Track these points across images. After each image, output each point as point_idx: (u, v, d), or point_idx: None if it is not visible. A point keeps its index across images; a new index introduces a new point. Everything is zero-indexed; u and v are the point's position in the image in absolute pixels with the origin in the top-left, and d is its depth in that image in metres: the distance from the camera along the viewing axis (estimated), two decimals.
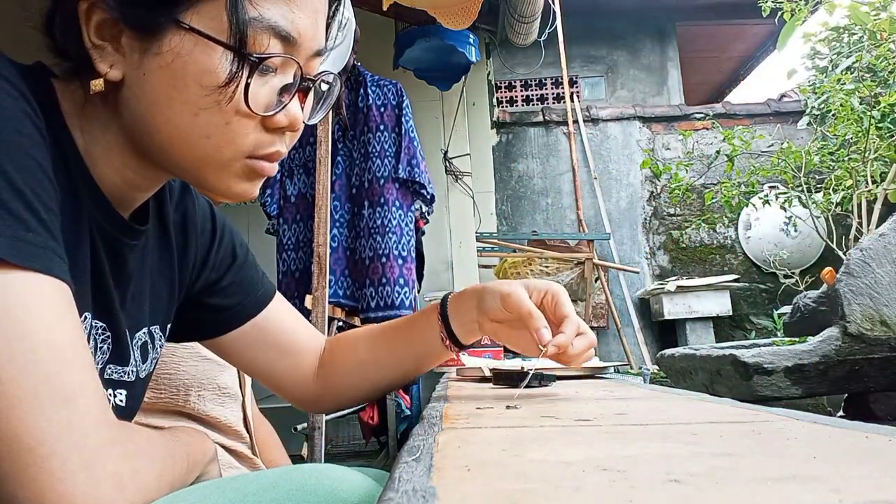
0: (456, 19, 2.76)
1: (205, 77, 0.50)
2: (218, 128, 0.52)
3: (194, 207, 0.73)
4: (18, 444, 0.42)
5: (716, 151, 3.88)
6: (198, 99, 0.50)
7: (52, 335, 0.44)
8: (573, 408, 0.65)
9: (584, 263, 4.04)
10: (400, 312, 2.53)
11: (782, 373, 1.63)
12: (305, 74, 0.56)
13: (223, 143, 0.52)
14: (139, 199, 0.62)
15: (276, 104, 0.54)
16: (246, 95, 0.51)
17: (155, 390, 0.98)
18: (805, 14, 3.18)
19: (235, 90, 0.51)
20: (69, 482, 0.43)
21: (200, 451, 0.67)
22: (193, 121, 0.51)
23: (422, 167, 2.62)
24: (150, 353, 0.67)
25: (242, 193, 0.57)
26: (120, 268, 0.61)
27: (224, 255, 0.76)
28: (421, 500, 0.27)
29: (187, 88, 0.50)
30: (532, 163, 4.91)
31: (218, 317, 0.76)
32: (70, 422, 0.44)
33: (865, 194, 3.10)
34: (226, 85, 0.50)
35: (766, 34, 6.31)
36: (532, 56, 4.56)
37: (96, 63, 0.52)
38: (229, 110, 0.51)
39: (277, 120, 0.54)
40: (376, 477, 0.57)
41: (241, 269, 0.78)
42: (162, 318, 0.70)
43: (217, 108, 0.51)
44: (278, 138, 0.56)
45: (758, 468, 0.33)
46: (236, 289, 0.76)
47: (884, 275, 1.63)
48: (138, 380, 0.64)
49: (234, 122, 0.52)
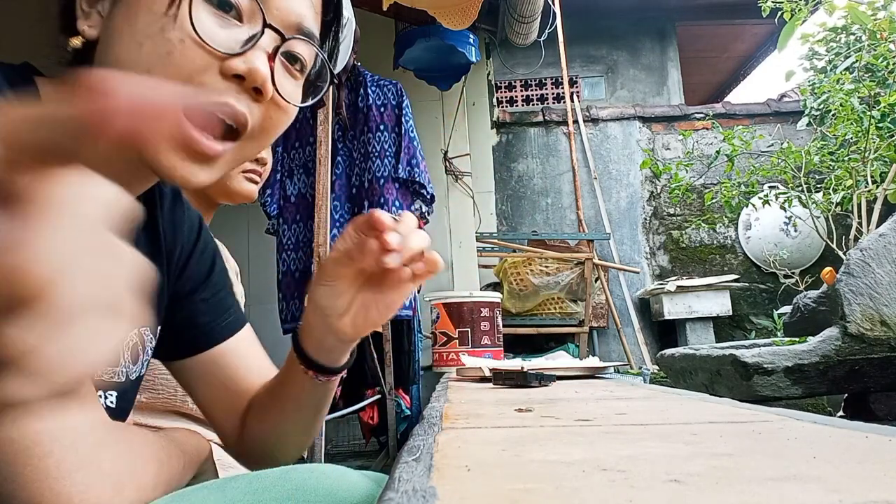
0: (456, 19, 2.76)
1: (155, 3, 0.47)
2: (160, 58, 0.47)
3: (184, 215, 0.72)
4: (16, 446, 0.42)
5: (716, 151, 3.88)
6: (144, 27, 0.47)
7: None
8: (573, 408, 0.65)
9: (584, 263, 4.04)
10: (399, 312, 2.53)
11: (782, 373, 1.63)
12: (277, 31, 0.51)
13: (162, 78, 0.47)
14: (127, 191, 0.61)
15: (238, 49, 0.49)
16: (190, 14, 0.47)
17: (153, 391, 0.98)
18: (805, 14, 3.17)
19: (178, 12, 0.47)
20: (65, 482, 0.43)
21: (195, 451, 0.67)
22: (138, 53, 0.47)
23: (422, 167, 2.62)
24: (140, 356, 0.66)
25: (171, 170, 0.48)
26: None
27: (202, 266, 0.73)
28: (421, 500, 0.27)
29: (137, 19, 0.48)
30: (532, 163, 4.91)
31: (185, 335, 0.71)
32: (65, 421, 0.44)
33: (865, 194, 3.10)
34: (170, 5, 0.47)
35: (766, 34, 6.32)
36: (532, 56, 4.56)
37: (78, 22, 0.51)
38: (172, 37, 0.47)
39: (233, 64, 0.48)
40: (375, 479, 0.57)
41: (216, 290, 0.74)
42: (151, 321, 0.68)
43: (161, 36, 0.47)
44: (233, 89, 0.49)
45: (758, 468, 0.33)
46: (206, 308, 0.72)
47: (884, 275, 1.63)
48: (128, 381, 0.64)
49: (178, 52, 0.47)
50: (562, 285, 4.01)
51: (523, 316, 4.06)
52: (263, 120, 0.51)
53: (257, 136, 0.52)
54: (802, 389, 1.65)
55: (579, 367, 1.31)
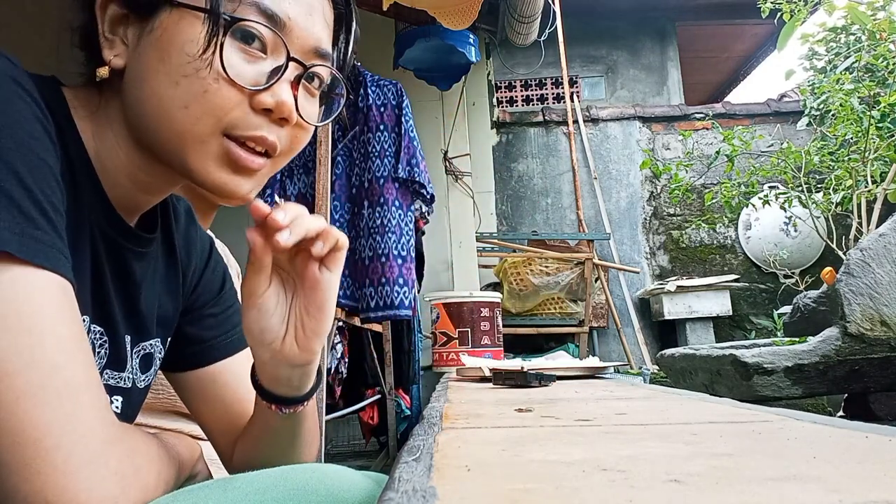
0: (456, 19, 2.76)
1: (187, 45, 0.51)
2: (196, 97, 0.52)
3: (196, 234, 0.75)
4: (23, 437, 0.41)
5: (716, 151, 3.88)
6: (179, 67, 0.52)
7: (57, 330, 0.44)
8: (573, 408, 0.65)
9: (584, 263, 4.04)
10: (399, 312, 2.53)
11: (782, 373, 1.63)
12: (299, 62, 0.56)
13: (200, 113, 0.52)
14: (147, 202, 0.63)
15: (265, 83, 0.54)
16: (222, 59, 0.51)
17: (154, 390, 0.98)
18: (805, 14, 3.18)
19: (213, 56, 0.51)
20: (72, 477, 0.43)
21: (188, 452, 0.67)
22: (174, 90, 0.52)
23: (421, 167, 2.62)
24: (152, 366, 0.67)
25: (223, 184, 0.55)
26: (124, 274, 0.61)
27: (214, 284, 0.76)
28: (421, 500, 0.27)
29: (170, 58, 0.52)
30: (532, 163, 4.91)
31: (189, 349, 0.73)
32: (75, 416, 0.44)
33: (865, 194, 3.10)
34: (205, 51, 0.51)
35: (766, 34, 6.32)
36: (532, 56, 4.56)
37: (104, 52, 0.54)
38: (207, 77, 0.52)
39: (262, 99, 0.54)
40: (376, 479, 0.57)
41: (225, 306, 0.77)
42: (166, 332, 0.70)
43: (196, 76, 0.51)
44: (265, 123, 0.55)
45: (758, 468, 0.33)
46: (215, 323, 0.75)
47: (884, 275, 1.63)
48: (135, 388, 0.64)
49: (213, 91, 0.52)
50: (562, 285, 4.01)
51: (523, 316, 4.06)
52: (290, 140, 0.58)
53: (285, 153, 0.59)
54: (802, 389, 1.65)
55: (579, 367, 1.31)
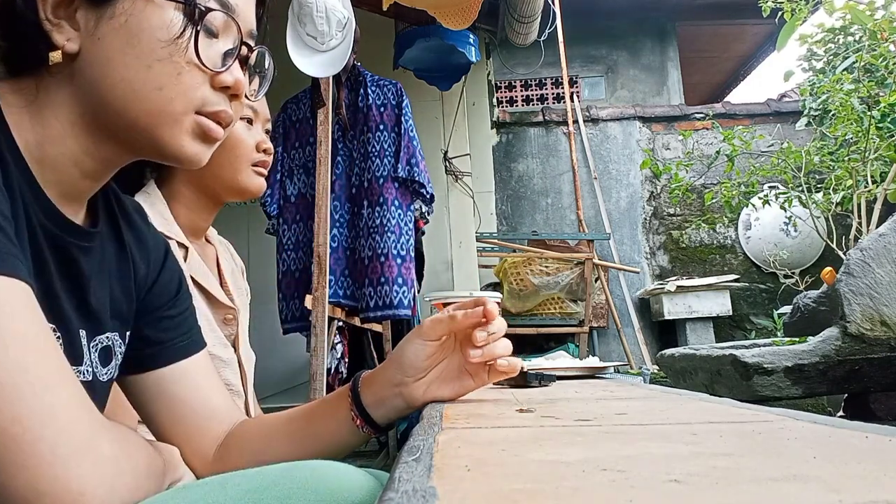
0: (456, 19, 2.76)
1: (158, 31, 0.55)
2: (170, 78, 0.56)
3: (149, 233, 0.74)
4: (3, 435, 0.42)
5: (716, 151, 3.88)
6: (151, 52, 0.55)
7: (25, 330, 0.45)
8: (573, 408, 0.65)
9: (584, 263, 4.04)
10: (398, 312, 2.53)
11: (782, 373, 1.63)
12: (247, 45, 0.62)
13: (175, 94, 0.56)
14: (90, 189, 0.62)
15: (221, 65, 0.59)
16: (196, 47, 0.56)
17: None
18: (805, 14, 3.17)
19: (188, 42, 0.56)
20: (62, 466, 0.43)
21: (169, 451, 0.67)
22: (147, 73, 0.55)
23: (421, 167, 2.62)
24: (112, 359, 0.66)
25: (195, 155, 0.60)
26: (70, 269, 0.60)
27: (170, 286, 0.76)
28: (421, 500, 0.27)
29: (141, 43, 0.55)
30: (532, 163, 4.91)
31: (148, 350, 0.72)
32: (53, 407, 0.44)
33: (865, 194, 3.09)
34: (179, 36, 0.55)
35: (766, 34, 6.31)
36: (532, 56, 4.56)
37: (54, 37, 0.54)
38: (181, 61, 0.56)
39: (223, 79, 0.59)
40: (378, 477, 0.57)
41: (182, 308, 0.77)
42: (123, 325, 0.69)
43: (169, 60, 0.55)
44: (223, 99, 0.60)
45: (758, 468, 0.33)
46: (172, 324, 0.75)
47: (884, 275, 1.63)
48: (97, 381, 0.63)
49: (185, 73, 0.56)
50: (562, 285, 4.01)
51: (523, 316, 4.06)
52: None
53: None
54: (802, 389, 1.65)
55: (579, 367, 1.31)
